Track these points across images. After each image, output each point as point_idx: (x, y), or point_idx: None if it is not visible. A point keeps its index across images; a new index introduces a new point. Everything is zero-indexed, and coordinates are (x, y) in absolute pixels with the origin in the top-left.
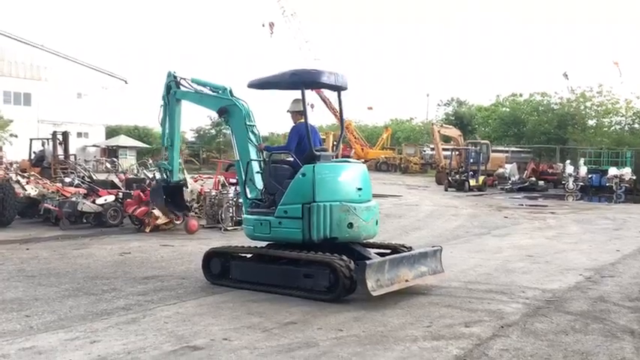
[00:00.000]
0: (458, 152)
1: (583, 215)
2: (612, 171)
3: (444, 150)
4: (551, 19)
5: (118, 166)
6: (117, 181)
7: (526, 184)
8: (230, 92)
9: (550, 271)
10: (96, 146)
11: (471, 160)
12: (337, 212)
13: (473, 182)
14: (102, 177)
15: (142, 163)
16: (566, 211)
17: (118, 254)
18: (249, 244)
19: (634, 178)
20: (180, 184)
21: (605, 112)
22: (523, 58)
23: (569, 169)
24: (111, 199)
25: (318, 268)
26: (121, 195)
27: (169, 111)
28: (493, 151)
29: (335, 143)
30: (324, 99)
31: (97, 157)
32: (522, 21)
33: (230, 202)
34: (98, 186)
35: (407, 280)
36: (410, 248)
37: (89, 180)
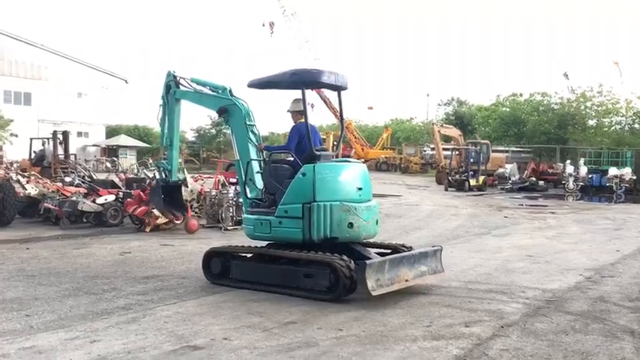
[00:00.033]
0: (458, 152)
1: (583, 215)
2: (612, 171)
3: (444, 150)
4: (552, 20)
5: (118, 165)
6: (117, 180)
7: (526, 184)
8: (230, 92)
9: (550, 271)
10: (96, 146)
11: (471, 159)
12: (337, 212)
13: (473, 182)
14: (102, 176)
15: (142, 163)
16: (567, 211)
17: (118, 254)
18: (250, 243)
19: (634, 178)
20: (178, 183)
21: (605, 112)
22: (523, 58)
23: (570, 169)
24: (111, 198)
25: (318, 267)
26: (121, 194)
27: (169, 110)
28: (493, 150)
29: (335, 143)
30: (324, 99)
31: (97, 156)
32: (523, 21)
33: (230, 201)
34: (98, 185)
35: (407, 279)
36: (410, 248)
37: (89, 179)
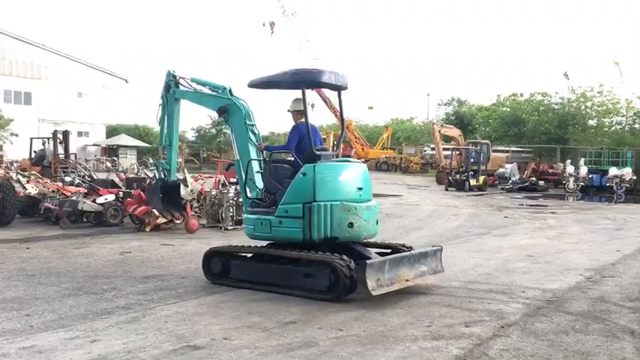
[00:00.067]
0: (458, 152)
1: (583, 215)
2: (613, 171)
3: (444, 150)
4: (552, 19)
5: (119, 165)
6: (117, 180)
7: (526, 184)
8: (230, 92)
9: (550, 271)
10: (96, 145)
11: (472, 159)
12: (338, 212)
13: (473, 182)
14: (102, 176)
15: (143, 163)
16: (567, 211)
17: (118, 253)
18: (250, 243)
19: (634, 178)
20: (177, 183)
21: (605, 112)
22: (524, 58)
23: (570, 169)
24: (111, 198)
25: (318, 267)
26: (121, 194)
27: (168, 110)
28: (493, 150)
29: (335, 143)
30: (324, 98)
31: (97, 156)
32: (523, 21)
33: (230, 201)
34: (98, 185)
35: (407, 279)
36: (410, 248)
37: (89, 179)
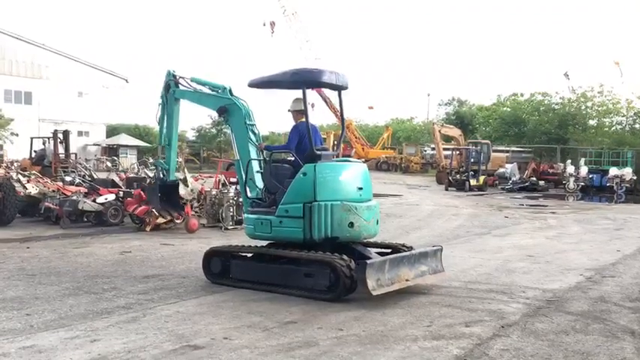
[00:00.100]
0: (459, 152)
1: (584, 215)
2: (613, 171)
3: (444, 150)
4: (553, 19)
5: (119, 164)
6: (117, 179)
7: (527, 184)
8: (230, 91)
9: (550, 271)
10: (97, 145)
11: (472, 159)
12: (338, 211)
13: (473, 182)
14: (102, 176)
15: (143, 162)
16: (567, 211)
17: (118, 253)
18: (250, 243)
19: (635, 178)
20: (176, 183)
21: (605, 112)
22: (524, 58)
23: (570, 169)
24: (111, 197)
25: (318, 267)
26: (121, 194)
27: (168, 110)
28: (494, 150)
29: (336, 143)
30: (324, 98)
31: (97, 155)
32: (523, 21)
33: (230, 201)
34: (99, 185)
35: (407, 279)
36: (410, 248)
37: (90, 179)
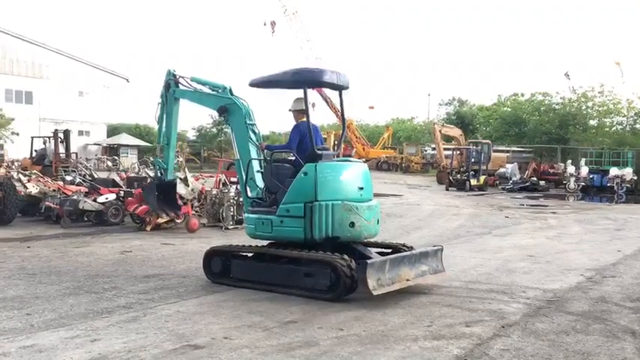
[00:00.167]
0: (459, 152)
1: (584, 215)
2: (613, 171)
3: (445, 149)
4: (553, 19)
5: (119, 164)
6: (118, 179)
7: (527, 184)
8: (230, 91)
9: (551, 271)
10: (97, 144)
11: (472, 159)
12: (339, 211)
13: (474, 182)
14: (103, 175)
15: (143, 162)
16: (568, 211)
17: (119, 253)
18: (250, 242)
19: (635, 178)
20: (173, 182)
21: (606, 112)
22: (524, 58)
23: (571, 169)
24: (112, 197)
25: (319, 267)
26: (122, 193)
27: (167, 109)
28: (494, 150)
29: (336, 142)
30: (325, 98)
31: (98, 155)
32: (524, 21)
33: (231, 200)
34: (99, 184)
35: (408, 279)
36: (411, 248)
37: (90, 178)
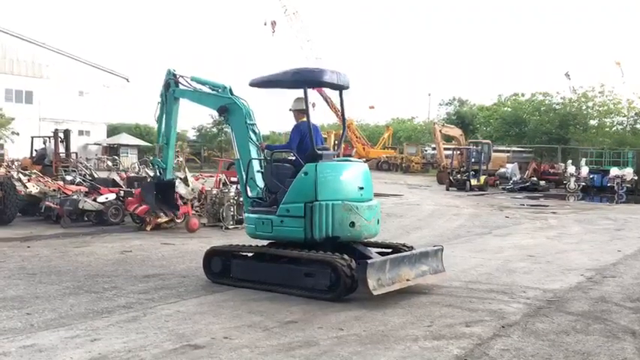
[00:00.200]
0: (459, 152)
1: (584, 215)
2: (614, 171)
3: (445, 149)
4: (554, 19)
5: (120, 164)
6: (118, 179)
7: (527, 184)
8: (230, 91)
9: (551, 271)
10: (97, 144)
11: (473, 159)
12: (339, 211)
13: (474, 182)
14: (103, 175)
15: (144, 162)
16: (568, 211)
17: (119, 252)
18: (250, 242)
19: (635, 178)
20: (172, 182)
21: (606, 112)
22: (525, 58)
23: (571, 169)
24: (112, 197)
25: (319, 267)
26: (122, 193)
27: (167, 109)
28: (494, 150)
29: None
30: (325, 98)
31: (98, 155)
32: (524, 21)
33: (231, 200)
34: (99, 184)
35: (408, 279)
36: (411, 248)
37: (90, 178)
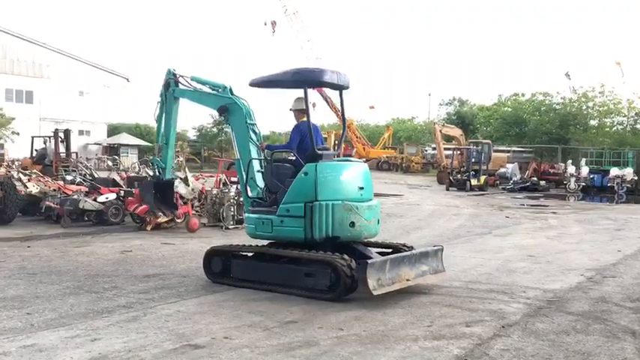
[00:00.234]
0: (459, 152)
1: (584, 215)
2: (614, 171)
3: (445, 149)
4: (554, 19)
5: (120, 164)
6: (118, 179)
7: (527, 184)
8: (230, 91)
9: (551, 271)
10: (97, 144)
11: (473, 159)
12: (339, 211)
13: (474, 182)
14: (103, 175)
15: (144, 161)
16: (568, 211)
17: (119, 252)
18: (251, 242)
19: (635, 178)
20: (171, 182)
21: (607, 112)
22: (525, 58)
23: (571, 169)
24: (112, 197)
25: (319, 267)
26: (122, 193)
27: (166, 108)
28: (495, 150)
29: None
30: (325, 98)
31: (98, 155)
32: (524, 21)
33: (231, 200)
34: (100, 184)
35: (408, 279)
36: (411, 247)
37: (91, 178)
